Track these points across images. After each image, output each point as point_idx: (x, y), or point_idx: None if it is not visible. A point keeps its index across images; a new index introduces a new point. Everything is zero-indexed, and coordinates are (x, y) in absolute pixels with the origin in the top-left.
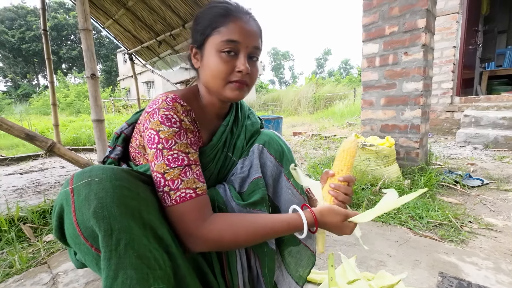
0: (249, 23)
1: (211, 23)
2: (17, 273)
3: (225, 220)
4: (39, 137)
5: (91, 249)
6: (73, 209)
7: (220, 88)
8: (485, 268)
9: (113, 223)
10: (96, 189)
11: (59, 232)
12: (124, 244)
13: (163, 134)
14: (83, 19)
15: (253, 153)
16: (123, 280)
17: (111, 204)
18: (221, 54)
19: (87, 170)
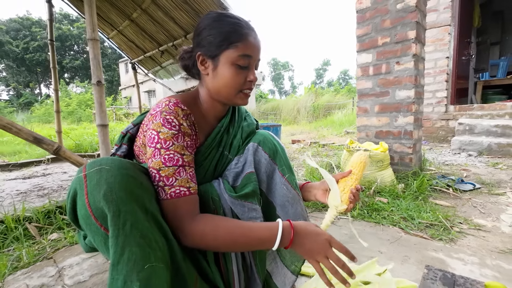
0: (257, 39)
1: (227, 37)
2: (24, 266)
3: (208, 221)
4: (46, 141)
5: (100, 229)
6: (86, 193)
7: (232, 96)
8: (470, 263)
9: (120, 205)
10: (106, 175)
11: (72, 214)
12: (129, 224)
13: (162, 135)
14: (91, 30)
15: (248, 151)
16: (129, 256)
17: (119, 189)
18: (234, 67)
19: (98, 159)
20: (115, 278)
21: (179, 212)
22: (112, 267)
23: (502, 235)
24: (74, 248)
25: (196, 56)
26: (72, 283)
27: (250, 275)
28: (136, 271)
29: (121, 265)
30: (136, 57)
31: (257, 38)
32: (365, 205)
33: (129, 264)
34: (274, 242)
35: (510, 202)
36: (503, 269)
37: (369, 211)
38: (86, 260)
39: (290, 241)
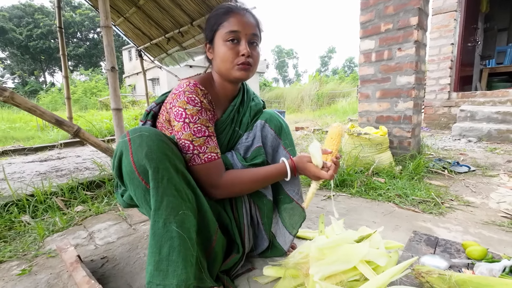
0: (246, 16)
1: (217, 20)
2: (59, 230)
3: (233, 173)
4: (66, 123)
5: (142, 182)
6: (131, 153)
7: (229, 70)
8: (454, 231)
9: (159, 163)
10: (146, 139)
11: (118, 171)
12: (166, 179)
13: (189, 111)
14: (104, 17)
15: (256, 127)
16: (167, 203)
17: (157, 150)
18: (226, 43)
19: (138, 128)
20: (157, 221)
21: (212, 172)
22: (154, 212)
23: (489, 210)
24: (100, 217)
25: (204, 45)
26: (103, 243)
27: (258, 233)
28: (173, 215)
29: (161, 210)
30: (142, 44)
31: (246, 15)
32: (363, 184)
33: (167, 209)
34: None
35: (502, 183)
36: (483, 236)
37: (366, 189)
38: (112, 226)
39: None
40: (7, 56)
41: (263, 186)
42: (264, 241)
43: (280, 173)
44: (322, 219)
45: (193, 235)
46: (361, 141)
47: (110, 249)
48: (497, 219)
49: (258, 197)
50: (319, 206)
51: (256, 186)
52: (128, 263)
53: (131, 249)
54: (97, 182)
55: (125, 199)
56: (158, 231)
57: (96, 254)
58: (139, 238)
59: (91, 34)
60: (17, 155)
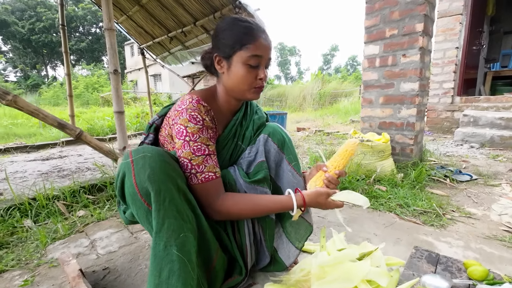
0: (267, 40)
1: (239, 40)
2: (61, 238)
3: (232, 200)
4: (69, 126)
5: (144, 204)
6: (133, 174)
7: (244, 92)
8: (456, 246)
9: (161, 185)
10: (149, 160)
11: (121, 192)
12: (168, 200)
13: (190, 129)
14: (108, 19)
15: (259, 142)
16: (168, 226)
17: (159, 172)
18: (246, 66)
19: (141, 148)
20: (158, 243)
21: (209, 193)
22: (155, 234)
23: (490, 222)
24: (102, 223)
25: (214, 57)
26: (104, 252)
27: (260, 249)
28: (174, 238)
29: (162, 232)
30: (145, 42)
31: (268, 39)
32: (364, 192)
33: (168, 232)
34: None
35: (504, 193)
36: (485, 252)
37: (368, 197)
38: (113, 233)
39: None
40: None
41: (263, 215)
42: (266, 258)
43: (284, 207)
44: (324, 233)
45: (194, 258)
46: (363, 148)
47: (112, 259)
48: (499, 233)
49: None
50: (320, 216)
51: (255, 216)
52: (130, 275)
53: (132, 259)
54: (99, 186)
55: (127, 216)
56: (159, 253)
57: (98, 264)
58: (140, 248)
59: (93, 28)
60: (19, 152)
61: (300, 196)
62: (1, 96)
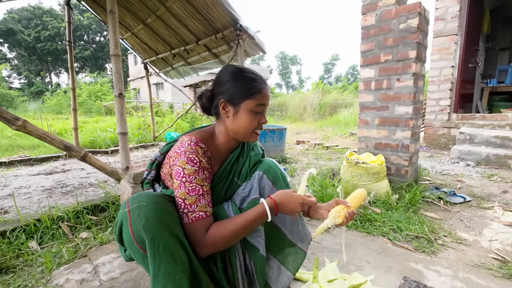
0: (268, 90)
1: (248, 90)
2: (66, 263)
3: (214, 229)
4: (74, 148)
5: (140, 250)
6: (130, 224)
7: (247, 136)
8: (444, 275)
9: (155, 233)
10: (144, 210)
11: (119, 237)
12: (162, 247)
13: (187, 171)
14: (114, 46)
15: (254, 178)
16: (164, 271)
17: (154, 220)
18: (251, 113)
19: (137, 196)
20: (156, 286)
21: (197, 231)
22: (153, 279)
23: (480, 249)
24: (104, 247)
25: (219, 102)
26: (107, 279)
27: (253, 279)
28: (171, 281)
29: (159, 277)
30: (149, 57)
31: (268, 89)
32: (359, 215)
33: (165, 276)
34: (267, 215)
35: (496, 216)
36: (472, 282)
37: (362, 221)
38: (116, 258)
39: (276, 210)
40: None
41: (247, 233)
42: None
43: (259, 215)
44: (316, 264)
45: None
46: (358, 170)
47: (114, 286)
48: (487, 261)
49: (251, 250)
50: (315, 240)
51: (240, 236)
52: None
53: (134, 287)
54: (102, 206)
55: (127, 254)
56: None
57: None
58: (141, 274)
59: (97, 37)
60: (23, 165)
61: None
62: (11, 121)
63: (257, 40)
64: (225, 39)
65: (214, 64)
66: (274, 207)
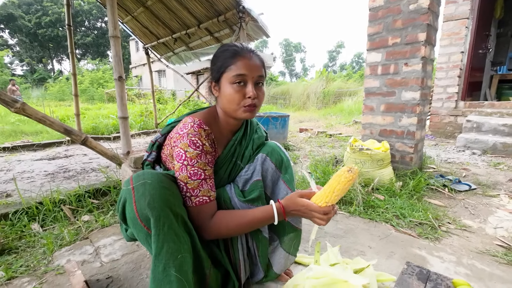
0: (252, 59)
1: (224, 63)
2: (67, 244)
3: (220, 217)
4: (75, 132)
5: (144, 228)
6: (134, 201)
7: (235, 111)
8: (448, 261)
9: (160, 212)
10: (149, 188)
11: (122, 216)
12: (167, 226)
13: (189, 154)
14: (113, 27)
15: (257, 160)
16: (167, 249)
17: (158, 199)
18: (233, 85)
19: (141, 174)
20: (157, 265)
21: (201, 215)
22: (155, 257)
23: (485, 236)
24: (106, 230)
25: (210, 83)
26: (108, 260)
27: (255, 262)
28: (172, 260)
29: (162, 255)
30: (149, 42)
31: (253, 58)
32: (362, 201)
33: (167, 255)
34: (274, 219)
35: (501, 204)
36: (476, 268)
37: (365, 207)
38: (117, 241)
39: (283, 215)
40: (15, 43)
41: (251, 230)
42: (260, 273)
43: (267, 217)
44: (318, 248)
45: (190, 277)
46: (362, 156)
47: (115, 267)
48: (492, 247)
49: (254, 231)
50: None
51: (244, 230)
52: (132, 285)
53: (134, 268)
54: (103, 190)
55: (128, 234)
56: (158, 275)
57: (102, 273)
58: (142, 256)
59: (98, 23)
60: (26, 150)
61: (278, 203)
62: (10, 104)
63: (260, 23)
64: (227, 22)
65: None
66: (282, 213)
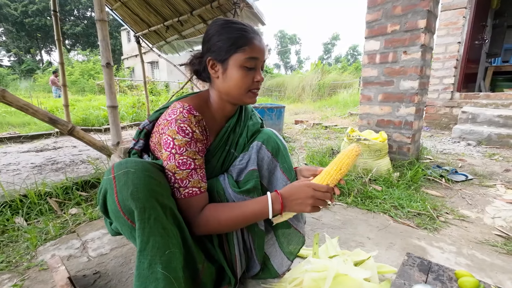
0: (262, 42)
1: (235, 42)
2: (52, 239)
3: (211, 210)
4: (60, 121)
5: (127, 221)
6: (115, 192)
7: (241, 96)
8: (448, 251)
9: (145, 203)
10: (132, 177)
11: (103, 208)
12: (153, 218)
13: (177, 141)
14: (99, 10)
15: (252, 149)
16: (153, 244)
17: (143, 189)
18: (243, 68)
19: (124, 162)
20: (142, 261)
21: (191, 208)
22: (139, 252)
23: (483, 226)
24: (94, 223)
25: (207, 60)
26: (96, 255)
27: (251, 255)
28: (159, 256)
29: (147, 251)
30: (141, 30)
31: (262, 42)
32: (359, 192)
33: (153, 250)
34: (268, 212)
35: (498, 194)
36: (476, 258)
37: (363, 198)
38: (105, 234)
39: (281, 207)
40: (2, 32)
41: (244, 225)
42: (256, 266)
43: (261, 210)
44: (317, 239)
45: (180, 274)
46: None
47: (103, 262)
48: (491, 237)
49: (249, 225)
50: (314, 217)
51: (235, 226)
52: (121, 280)
53: (124, 263)
54: (92, 182)
55: (113, 228)
56: (143, 272)
57: (89, 268)
58: (132, 250)
59: (88, 12)
60: (12, 142)
61: (275, 193)
62: None
63: (255, 9)
64: (221, 8)
65: None
66: (280, 203)
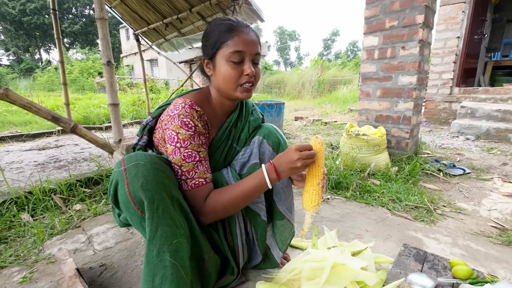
0: (249, 34)
1: (219, 38)
2: (58, 233)
3: (213, 197)
4: (63, 119)
5: (138, 211)
6: (126, 183)
7: (231, 90)
8: (444, 243)
9: (154, 194)
10: (142, 169)
11: (114, 199)
12: (161, 209)
13: (181, 135)
14: (99, 9)
15: (253, 143)
16: (161, 233)
17: (152, 181)
18: (229, 63)
19: (133, 155)
20: (151, 250)
21: (198, 198)
22: (149, 241)
23: (479, 218)
24: (98, 218)
25: (202, 61)
26: (101, 248)
27: (253, 247)
28: (167, 245)
29: (156, 240)
30: (140, 28)
31: (251, 34)
32: (358, 186)
33: (161, 239)
34: (266, 183)
35: (495, 187)
36: (471, 249)
37: (361, 192)
38: (110, 229)
39: (276, 174)
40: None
41: (249, 201)
42: (258, 256)
43: (259, 183)
44: (316, 232)
45: (187, 262)
46: (359, 142)
47: (109, 255)
48: (486, 229)
49: (252, 216)
50: None
51: (239, 204)
52: (126, 272)
53: (129, 256)
54: (95, 179)
55: (121, 219)
56: (152, 260)
57: (95, 261)
58: (136, 244)
59: (87, 10)
60: (14, 141)
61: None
62: None
63: (254, 6)
64: (220, 5)
65: None
66: (274, 171)
